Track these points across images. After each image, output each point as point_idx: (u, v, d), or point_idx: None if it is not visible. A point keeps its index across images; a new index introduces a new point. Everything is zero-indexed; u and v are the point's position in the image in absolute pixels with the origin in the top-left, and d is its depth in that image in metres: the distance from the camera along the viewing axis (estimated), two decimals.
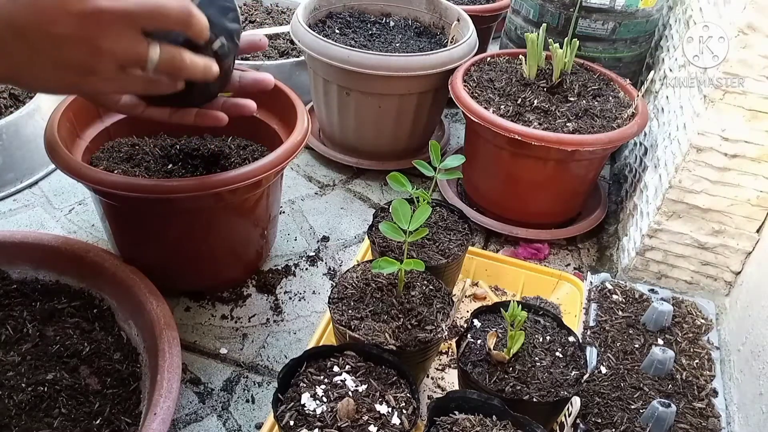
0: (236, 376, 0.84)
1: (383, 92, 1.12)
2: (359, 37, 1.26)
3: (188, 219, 0.83)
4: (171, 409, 0.66)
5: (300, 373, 0.65)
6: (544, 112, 1.02)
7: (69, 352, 0.75)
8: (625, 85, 1.11)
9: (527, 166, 1.03)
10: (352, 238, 1.10)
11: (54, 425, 0.67)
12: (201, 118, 0.66)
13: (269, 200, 0.91)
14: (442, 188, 1.17)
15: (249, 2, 1.64)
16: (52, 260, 0.83)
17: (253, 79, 0.68)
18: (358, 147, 1.23)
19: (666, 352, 0.78)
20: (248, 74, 0.68)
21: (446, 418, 0.62)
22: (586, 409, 0.73)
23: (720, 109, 0.82)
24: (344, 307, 0.73)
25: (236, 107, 0.68)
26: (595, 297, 0.90)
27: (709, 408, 0.76)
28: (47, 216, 1.08)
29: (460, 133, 1.39)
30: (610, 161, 1.33)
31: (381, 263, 0.69)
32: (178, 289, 0.93)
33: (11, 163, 1.10)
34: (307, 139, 0.86)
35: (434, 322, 0.72)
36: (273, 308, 0.94)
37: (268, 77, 0.69)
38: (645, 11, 1.15)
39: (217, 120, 0.67)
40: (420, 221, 0.70)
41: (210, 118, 0.67)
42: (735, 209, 0.88)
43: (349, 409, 0.60)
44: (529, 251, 1.08)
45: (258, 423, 0.78)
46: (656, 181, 0.96)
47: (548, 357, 0.71)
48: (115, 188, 0.73)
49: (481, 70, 1.14)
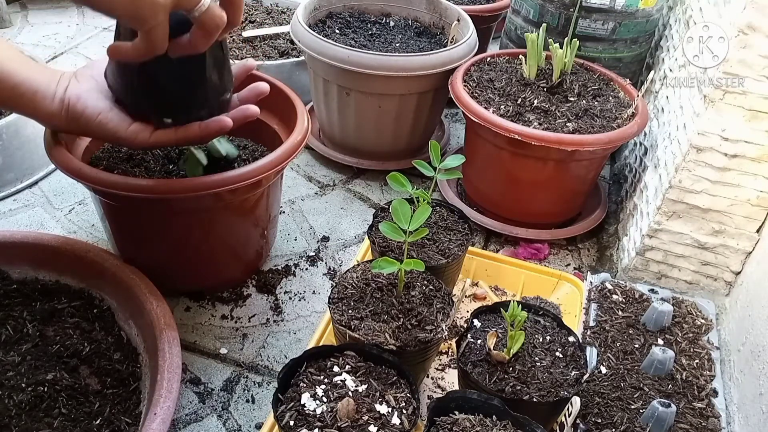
0: (236, 376, 0.84)
1: (383, 92, 1.12)
2: (359, 37, 1.26)
3: (188, 219, 0.83)
4: (171, 409, 0.66)
5: (300, 373, 0.65)
6: (544, 112, 1.02)
7: (69, 352, 0.75)
8: (625, 85, 1.11)
9: (527, 166, 1.03)
10: (352, 238, 1.10)
11: (54, 425, 0.67)
12: (206, 126, 0.69)
13: (269, 200, 0.91)
14: (442, 188, 1.17)
15: (249, 2, 1.64)
16: (52, 260, 0.83)
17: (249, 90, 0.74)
18: (358, 147, 1.23)
19: (666, 352, 0.78)
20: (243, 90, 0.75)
21: (446, 418, 0.62)
22: (586, 409, 0.73)
23: (720, 109, 0.82)
24: (344, 307, 0.73)
25: (241, 112, 0.71)
26: (595, 297, 0.90)
27: (709, 408, 0.76)
28: (47, 216, 1.08)
29: (460, 133, 1.39)
30: (610, 161, 1.33)
31: (381, 263, 0.69)
32: (178, 289, 0.93)
33: (11, 163, 1.11)
34: (307, 139, 0.86)
35: (434, 322, 0.72)
36: (273, 308, 0.94)
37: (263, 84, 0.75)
38: (645, 11, 1.15)
39: (222, 123, 0.69)
40: (420, 221, 0.70)
41: (214, 125, 0.69)
42: (735, 209, 0.88)
43: (349, 409, 0.60)
44: (529, 251, 1.08)
45: (258, 423, 0.78)
46: (656, 181, 0.96)
47: (548, 357, 0.71)
48: (115, 188, 0.73)
49: (481, 70, 1.14)
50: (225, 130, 0.70)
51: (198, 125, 0.69)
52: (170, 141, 0.69)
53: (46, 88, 0.66)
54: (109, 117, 0.67)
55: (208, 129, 0.69)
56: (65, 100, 0.66)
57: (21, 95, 0.65)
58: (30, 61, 0.67)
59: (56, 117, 0.66)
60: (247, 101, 0.73)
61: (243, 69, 0.74)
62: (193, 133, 0.69)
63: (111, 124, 0.67)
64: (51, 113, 0.66)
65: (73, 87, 0.67)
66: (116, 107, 0.68)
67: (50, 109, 0.66)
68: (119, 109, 0.68)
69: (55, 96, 0.66)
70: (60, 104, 0.66)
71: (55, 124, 0.69)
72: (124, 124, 0.67)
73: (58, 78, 0.67)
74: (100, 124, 0.67)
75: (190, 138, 0.69)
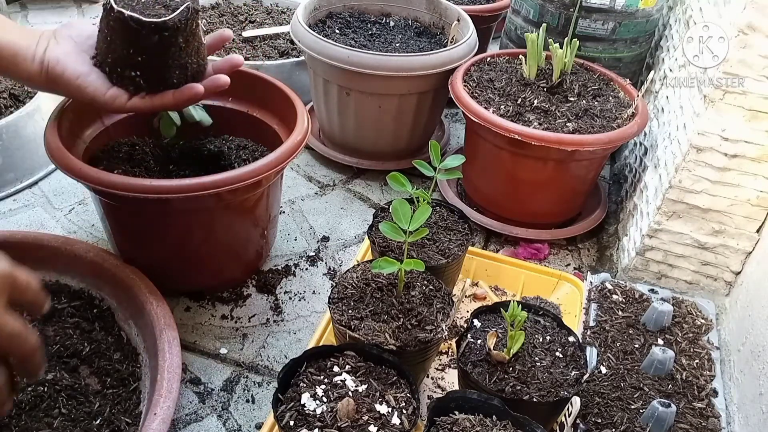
0: (236, 376, 0.84)
1: (383, 92, 1.12)
2: (359, 37, 1.26)
3: (188, 219, 0.83)
4: (171, 409, 0.66)
5: (300, 373, 0.65)
6: (544, 112, 1.02)
7: (69, 352, 0.75)
8: (625, 85, 1.11)
9: (527, 166, 1.03)
10: (352, 238, 1.10)
11: (54, 425, 0.67)
12: (179, 93, 0.71)
13: (269, 200, 0.91)
14: (442, 188, 1.17)
15: (249, 2, 1.64)
16: (52, 260, 0.83)
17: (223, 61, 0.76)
18: (358, 147, 1.23)
19: (666, 352, 0.78)
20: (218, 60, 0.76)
21: (446, 418, 0.62)
22: (586, 409, 0.73)
23: (720, 109, 0.82)
24: (344, 307, 0.73)
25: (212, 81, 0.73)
26: (595, 297, 0.90)
27: (709, 408, 0.76)
28: (47, 216, 1.08)
29: (460, 133, 1.39)
30: (610, 161, 1.33)
31: (381, 263, 0.69)
32: (178, 289, 0.93)
33: (11, 163, 1.10)
34: (307, 139, 0.86)
35: (434, 322, 0.72)
36: (273, 308, 0.94)
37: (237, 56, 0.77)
38: (645, 11, 1.15)
39: (194, 91, 0.71)
40: (420, 221, 0.70)
41: (187, 92, 0.71)
42: (735, 209, 0.88)
43: (349, 409, 0.60)
44: (529, 251, 1.08)
45: (258, 423, 0.78)
46: (656, 181, 0.96)
47: (548, 357, 0.71)
48: (115, 188, 0.73)
49: (481, 70, 1.14)
50: (197, 98, 0.72)
51: (172, 93, 0.71)
52: (146, 107, 0.71)
53: (26, 49, 0.67)
54: (88, 81, 0.68)
55: (182, 96, 0.71)
56: (44, 62, 0.67)
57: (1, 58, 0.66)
58: (8, 23, 0.69)
59: (35, 78, 0.68)
60: (220, 71, 0.75)
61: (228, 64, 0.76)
62: (168, 101, 0.71)
63: (90, 89, 0.69)
64: (30, 75, 0.67)
65: (52, 48, 0.68)
66: (95, 71, 0.69)
67: (30, 70, 0.67)
68: (98, 73, 0.69)
69: (34, 58, 0.67)
70: (39, 66, 0.67)
71: (34, 85, 0.71)
72: (102, 89, 0.69)
73: (38, 39, 0.68)
74: (79, 88, 0.69)
75: (165, 105, 0.72)
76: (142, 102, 0.71)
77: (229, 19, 1.55)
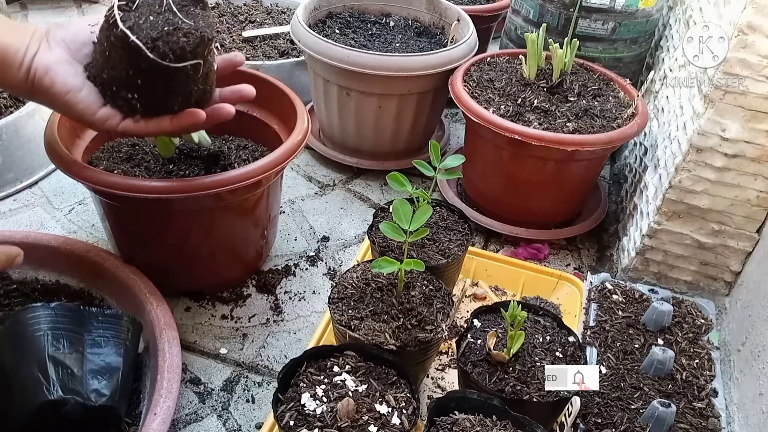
0: (236, 376, 0.84)
1: (383, 92, 1.12)
2: (359, 37, 1.26)
3: (188, 219, 0.83)
4: (171, 409, 0.66)
5: (300, 373, 0.65)
6: (544, 112, 1.02)
7: None
8: (625, 85, 1.11)
9: (527, 166, 1.03)
10: (352, 238, 1.10)
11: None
12: (177, 120, 0.65)
13: (269, 200, 0.91)
14: (442, 188, 1.17)
15: (249, 2, 1.64)
16: (52, 260, 0.83)
17: (232, 90, 0.70)
18: (358, 147, 1.23)
19: (666, 352, 0.78)
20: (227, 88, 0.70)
21: (446, 418, 0.62)
22: (586, 409, 0.73)
23: (720, 109, 0.82)
24: (344, 307, 0.73)
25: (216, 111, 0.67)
26: (595, 297, 0.90)
27: (709, 408, 0.76)
28: (47, 216, 1.08)
29: (460, 133, 1.39)
30: (610, 161, 1.33)
31: (381, 263, 0.69)
32: (178, 289, 0.93)
33: (11, 163, 1.10)
34: (307, 139, 0.86)
35: (434, 322, 0.72)
36: (273, 308, 0.94)
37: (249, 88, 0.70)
38: (645, 11, 1.15)
39: (194, 119, 0.65)
40: (421, 221, 0.70)
41: (186, 119, 0.65)
42: (735, 209, 0.88)
43: (349, 409, 0.60)
44: (529, 251, 1.08)
45: (258, 423, 0.78)
46: (656, 181, 0.96)
47: (548, 357, 0.71)
48: (115, 188, 0.73)
49: (481, 70, 1.14)
50: (198, 126, 0.66)
51: (169, 119, 0.64)
52: (139, 132, 0.65)
53: (14, 54, 0.60)
54: (78, 98, 0.62)
55: (180, 123, 0.65)
56: (32, 70, 0.60)
57: None
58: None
59: (20, 87, 0.61)
60: (228, 101, 0.69)
61: (228, 63, 0.70)
62: (164, 127, 0.65)
63: (80, 106, 0.62)
64: (15, 83, 0.61)
65: (42, 54, 0.61)
66: (88, 85, 0.62)
67: (15, 79, 0.60)
68: (90, 88, 0.63)
69: (22, 64, 0.60)
70: (26, 74, 0.60)
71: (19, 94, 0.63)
72: (93, 107, 0.62)
73: (28, 41, 0.61)
74: (68, 104, 0.62)
75: (162, 131, 0.65)
76: (135, 126, 0.64)
77: (229, 19, 1.55)
